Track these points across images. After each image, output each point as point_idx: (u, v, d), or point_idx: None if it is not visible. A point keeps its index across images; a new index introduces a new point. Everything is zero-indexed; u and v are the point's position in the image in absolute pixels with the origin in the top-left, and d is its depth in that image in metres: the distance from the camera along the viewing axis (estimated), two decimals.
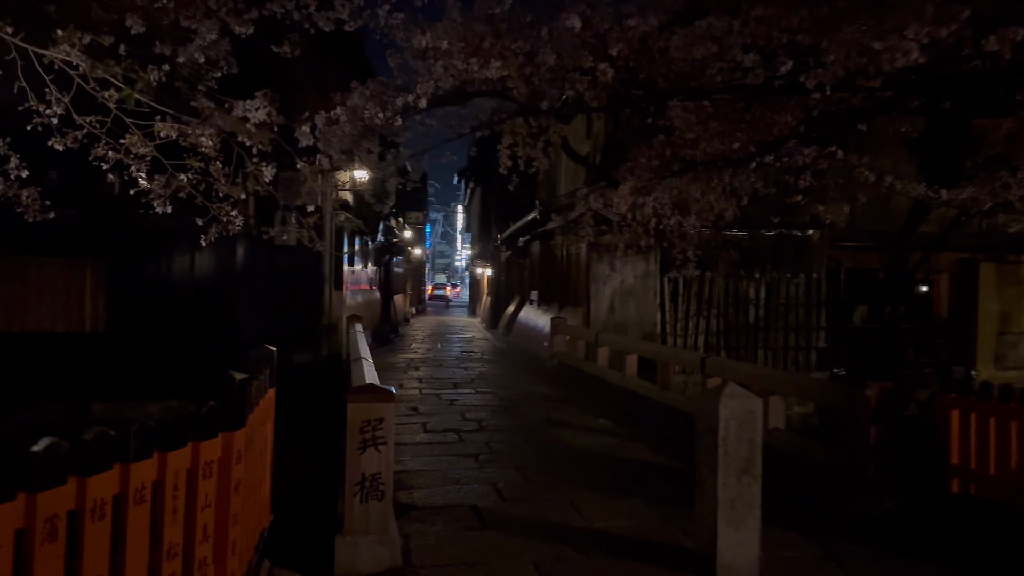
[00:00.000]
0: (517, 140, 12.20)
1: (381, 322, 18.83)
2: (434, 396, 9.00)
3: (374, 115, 5.09)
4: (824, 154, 8.32)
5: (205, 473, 2.48)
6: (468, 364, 12.69)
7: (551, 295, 16.57)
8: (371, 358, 6.56)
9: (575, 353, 11.68)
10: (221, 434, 2.66)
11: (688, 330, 13.73)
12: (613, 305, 13.27)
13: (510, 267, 25.15)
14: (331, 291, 11.45)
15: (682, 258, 12.72)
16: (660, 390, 8.28)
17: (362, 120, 5.30)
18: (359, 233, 14.50)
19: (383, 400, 3.92)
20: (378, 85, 5.32)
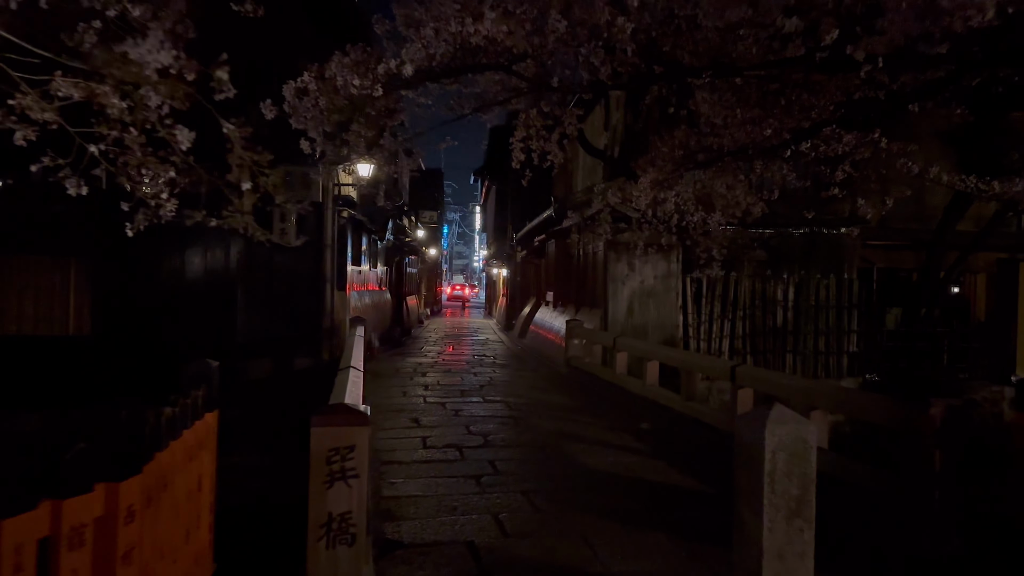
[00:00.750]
0: (531, 133, 11.52)
1: (392, 324, 18.22)
2: (439, 406, 8.33)
3: (349, 82, 4.40)
4: (865, 141, 7.56)
5: (72, 542, 1.81)
6: (478, 369, 12.02)
7: (567, 296, 15.87)
8: (362, 367, 5.91)
9: (591, 358, 10.97)
10: (101, 486, 1.98)
11: (712, 334, 12.97)
12: (632, 307, 12.55)
13: (525, 267, 24.49)
14: (333, 292, 10.82)
15: (706, 257, 11.99)
16: (684, 401, 7.56)
17: (338, 92, 4.61)
18: (366, 232, 13.88)
19: (355, 424, 3.25)
20: (359, 52, 4.65)
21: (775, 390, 6.27)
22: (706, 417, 7.08)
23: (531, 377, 11.27)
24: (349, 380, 4.74)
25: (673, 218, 11.41)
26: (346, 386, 4.43)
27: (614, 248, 12.41)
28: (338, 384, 4.53)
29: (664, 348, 9.17)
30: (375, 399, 8.70)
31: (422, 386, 9.76)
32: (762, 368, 7.61)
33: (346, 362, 5.83)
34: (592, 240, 13.26)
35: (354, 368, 5.47)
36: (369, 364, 12.11)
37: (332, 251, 10.82)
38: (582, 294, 14.34)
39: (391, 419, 7.49)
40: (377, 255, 16.13)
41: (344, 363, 5.76)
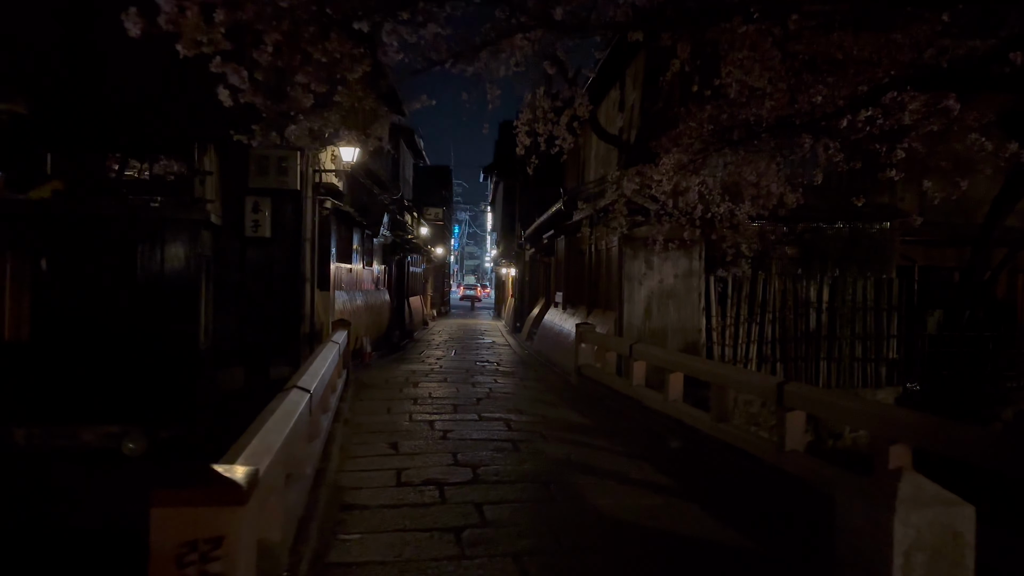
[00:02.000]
0: (537, 115, 10.34)
1: (391, 327, 17.04)
2: (425, 425, 7.11)
3: None
4: (937, 109, 6.27)
5: None
6: (479, 378, 10.80)
7: (578, 297, 14.64)
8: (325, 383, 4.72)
9: (604, 367, 9.73)
10: None
11: (738, 339, 11.71)
12: (649, 309, 11.31)
13: (534, 266, 23.30)
14: (313, 292, 9.64)
15: (734, 253, 10.71)
16: (714, 422, 6.31)
17: None
18: (357, 227, 12.70)
19: (226, 502, 2.04)
20: None
21: (838, 416, 5.01)
22: (742, 443, 5.83)
23: (536, 388, 10.04)
24: (278, 411, 3.52)
25: (697, 209, 10.16)
26: (266, 424, 3.21)
27: (630, 244, 11.17)
28: (257, 421, 3.30)
29: (690, 358, 7.91)
30: (353, 415, 7.51)
31: (411, 400, 8.55)
32: (823, 389, 6.32)
33: (299, 379, 4.62)
34: (606, 235, 12.01)
35: (300, 389, 4.25)
36: (359, 372, 10.94)
37: (312, 246, 9.63)
38: (594, 295, 13.11)
39: (366, 443, 6.28)
40: (372, 253, 14.94)
41: (295, 380, 4.55)
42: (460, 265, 77.94)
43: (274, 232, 9.44)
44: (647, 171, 8.12)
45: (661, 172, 7.76)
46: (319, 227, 9.98)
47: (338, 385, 7.84)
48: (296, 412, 3.70)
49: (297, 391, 4.20)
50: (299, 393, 4.17)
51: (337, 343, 7.49)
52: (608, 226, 11.25)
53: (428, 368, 11.90)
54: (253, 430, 3.06)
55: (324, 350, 6.67)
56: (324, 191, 9.95)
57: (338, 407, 7.40)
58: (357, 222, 12.31)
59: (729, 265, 11.52)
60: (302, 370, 5.23)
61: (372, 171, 13.65)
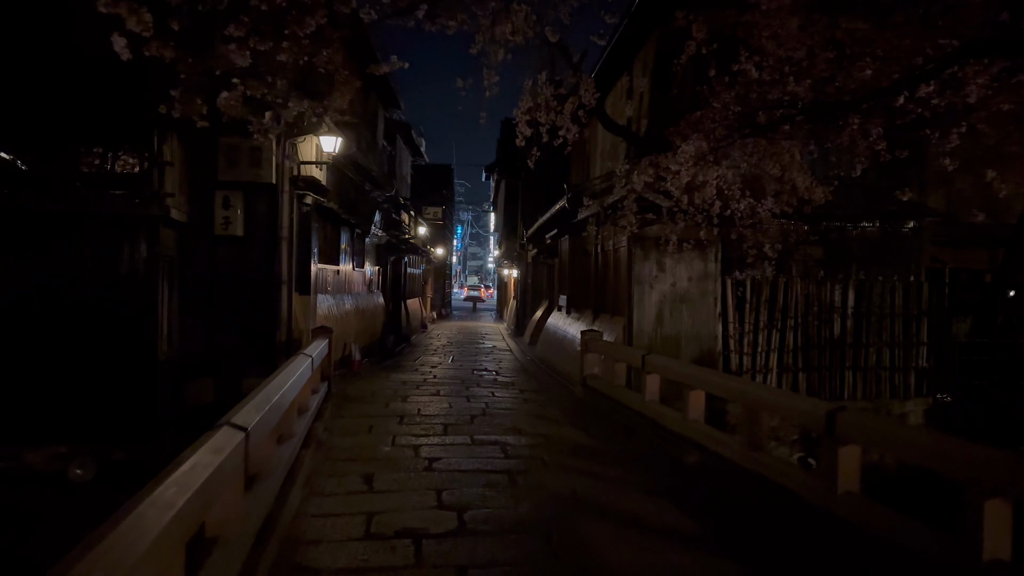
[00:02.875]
0: (539, 103, 9.45)
1: (385, 332, 16.12)
2: (410, 451, 6.19)
3: None
4: (1011, 83, 5.33)
5: None
6: (475, 390, 9.87)
7: (583, 300, 13.71)
8: (254, 425, 3.79)
9: (613, 378, 8.80)
10: None
11: (757, 347, 10.78)
12: (661, 314, 10.38)
13: (537, 268, 22.38)
14: (291, 296, 8.72)
15: (755, 254, 9.77)
16: (745, 449, 5.38)
17: None
18: (345, 225, 11.78)
19: None
20: None
21: (909, 453, 4.06)
22: (780, 477, 4.90)
23: (538, 401, 9.11)
24: (182, 469, 2.58)
25: (715, 206, 9.24)
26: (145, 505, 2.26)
27: (640, 244, 10.24)
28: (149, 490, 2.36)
29: (715, 374, 6.94)
30: (329, 437, 6.59)
31: (397, 417, 7.62)
32: (882, 418, 5.37)
33: (237, 412, 3.69)
34: (614, 234, 11.10)
35: (234, 427, 3.33)
36: (344, 383, 10.01)
37: (290, 246, 8.72)
38: (601, 299, 12.18)
39: (337, 475, 5.36)
40: (364, 253, 14.02)
41: (231, 414, 3.62)
42: (463, 266, 77.16)
43: (247, 230, 8.53)
44: (663, 161, 7.19)
45: (679, 162, 6.83)
46: (298, 225, 9.07)
47: (312, 403, 6.93)
48: (214, 465, 2.77)
49: (228, 431, 3.28)
50: (229, 434, 3.24)
51: (309, 356, 6.56)
52: (616, 224, 10.33)
53: (421, 378, 10.97)
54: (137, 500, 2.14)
55: (290, 365, 5.74)
56: (304, 185, 9.03)
57: (311, 428, 6.48)
58: (344, 220, 11.39)
59: (748, 267, 10.60)
60: (251, 396, 4.31)
61: (363, 166, 12.74)
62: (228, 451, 3.04)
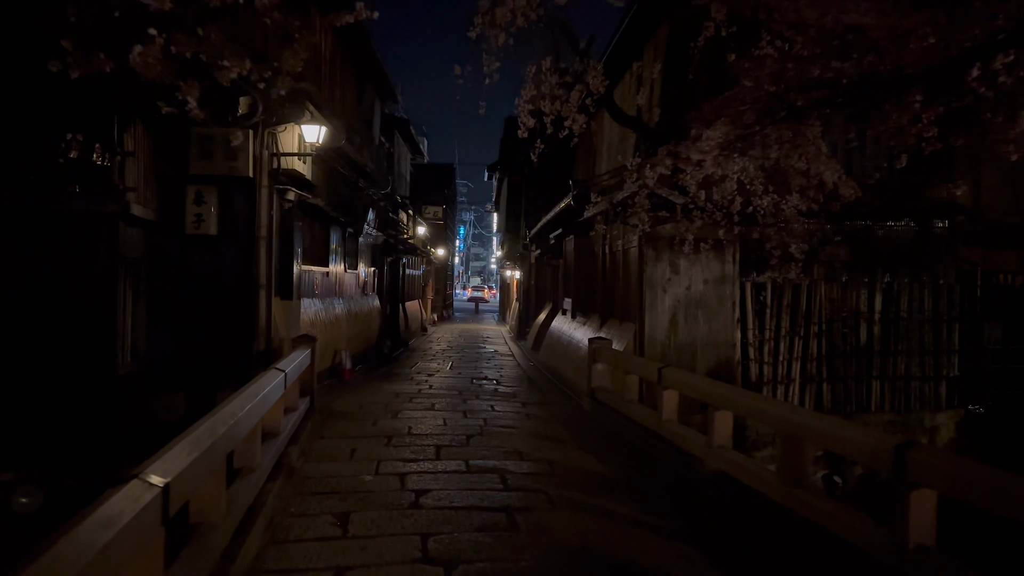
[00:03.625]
0: (544, 91, 8.66)
1: (381, 337, 15.34)
2: (395, 481, 5.40)
3: None
4: None
5: None
6: (473, 403, 9.08)
7: (590, 304, 12.91)
8: (179, 473, 3.01)
9: (624, 392, 8.00)
10: None
11: (778, 355, 9.98)
12: (675, 320, 9.58)
13: (540, 269, 21.60)
14: (270, 301, 7.94)
15: (779, 255, 8.98)
16: (785, 486, 4.58)
17: None
18: (335, 224, 11.00)
19: None
20: None
21: (1004, 504, 3.25)
22: (833, 525, 4.09)
23: (542, 417, 8.31)
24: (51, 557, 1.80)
25: (735, 202, 8.44)
26: None
27: (652, 244, 9.45)
28: None
29: (747, 395, 6.04)
30: (304, 463, 5.81)
31: (384, 438, 6.83)
32: (959, 457, 4.50)
33: (153, 464, 2.90)
34: (624, 233, 10.31)
35: (145, 483, 2.54)
36: (332, 395, 9.24)
37: (269, 246, 7.94)
38: (609, 303, 11.38)
39: (307, 515, 4.57)
40: (358, 254, 13.24)
41: (145, 466, 2.83)
42: (465, 267, 76.49)
43: (222, 229, 7.75)
44: (683, 151, 6.37)
45: (702, 151, 6.02)
46: (279, 223, 8.29)
47: (287, 424, 6.15)
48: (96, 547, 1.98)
49: (139, 487, 2.50)
50: (138, 491, 2.46)
51: (282, 371, 5.77)
52: (627, 223, 9.54)
53: (415, 389, 10.18)
54: None
55: (253, 385, 4.95)
56: (285, 179, 8.24)
57: (284, 453, 5.70)
58: (333, 218, 10.60)
59: (771, 269, 9.81)
60: (190, 431, 3.53)
61: (356, 161, 11.97)
62: (127, 519, 2.26)
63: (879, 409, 10.40)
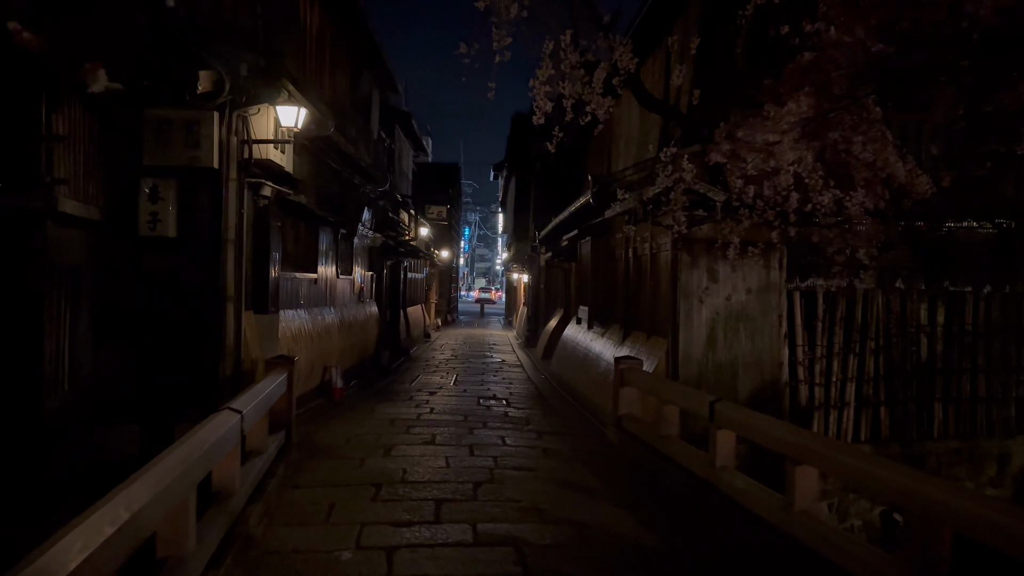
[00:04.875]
0: (563, 71, 7.44)
1: (380, 347, 14.09)
2: (379, 559, 4.13)
3: None
4: None
5: None
6: (482, 433, 7.80)
7: (608, 314, 11.63)
8: None
9: (661, 425, 6.70)
10: None
11: (831, 375, 8.70)
12: (713, 335, 8.31)
13: (551, 272, 20.33)
14: (239, 315, 6.68)
15: (844, 262, 7.70)
16: None
17: None
18: (324, 223, 9.74)
19: None
20: None
21: None
22: None
23: (562, 453, 7.03)
24: None
25: (792, 199, 7.17)
26: None
27: (688, 247, 8.18)
28: None
29: (845, 450, 4.55)
30: (266, 529, 4.54)
31: (372, 487, 5.55)
32: None
33: None
34: (651, 236, 9.02)
35: None
36: (318, 423, 7.98)
37: (239, 250, 6.67)
38: (633, 313, 10.10)
39: None
40: (352, 257, 11.97)
41: None
42: (470, 268, 75.37)
43: (182, 230, 6.50)
44: (749, 132, 5.08)
45: (778, 129, 4.74)
46: (252, 223, 7.03)
47: (246, 477, 4.88)
48: None
49: None
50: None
51: (238, 412, 4.51)
52: (657, 223, 8.27)
53: (415, 413, 8.91)
54: None
55: (189, 442, 3.69)
56: (260, 172, 6.97)
57: (240, 517, 4.44)
58: (321, 218, 9.33)
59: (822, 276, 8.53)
60: (67, 532, 2.29)
61: (349, 155, 10.72)
62: None
63: (942, 435, 9.13)
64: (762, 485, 4.88)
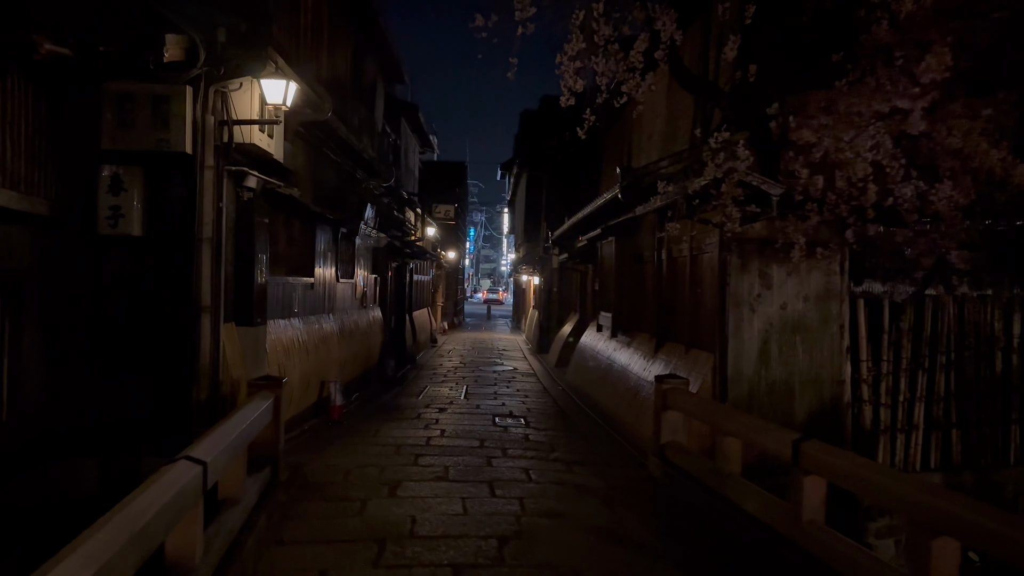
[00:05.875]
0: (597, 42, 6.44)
1: (384, 356, 13.05)
2: None
3: None
4: None
5: None
6: (501, 464, 6.74)
7: (636, 321, 10.56)
8: None
9: (721, 460, 5.61)
10: None
11: (899, 394, 7.63)
12: (767, 349, 7.25)
13: (565, 274, 19.29)
14: (216, 328, 5.62)
15: (932, 265, 6.64)
16: None
17: None
18: (321, 221, 8.69)
19: None
20: None
21: None
22: None
23: (600, 493, 5.94)
24: None
25: (869, 191, 6.11)
26: None
27: (738, 250, 7.11)
28: None
29: (998, 516, 3.57)
30: None
31: (374, 544, 4.48)
32: None
33: None
34: (692, 235, 7.96)
35: None
36: (310, 453, 6.93)
37: (216, 251, 5.61)
38: (668, 322, 9.02)
39: None
40: (354, 259, 10.92)
41: None
42: (475, 269, 74.38)
43: (150, 228, 5.46)
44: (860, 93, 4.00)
45: (907, 94, 3.67)
46: (235, 219, 5.98)
47: (212, 540, 3.83)
48: None
49: None
50: None
51: (200, 463, 3.45)
52: (705, 221, 7.20)
53: (423, 436, 7.85)
54: None
55: (121, 515, 2.64)
56: (243, 159, 5.92)
57: None
58: (318, 214, 8.28)
59: (887, 281, 7.48)
60: None
61: (351, 146, 9.67)
62: None
63: (1020, 462, 8.06)
64: (873, 554, 3.80)
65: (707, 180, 6.61)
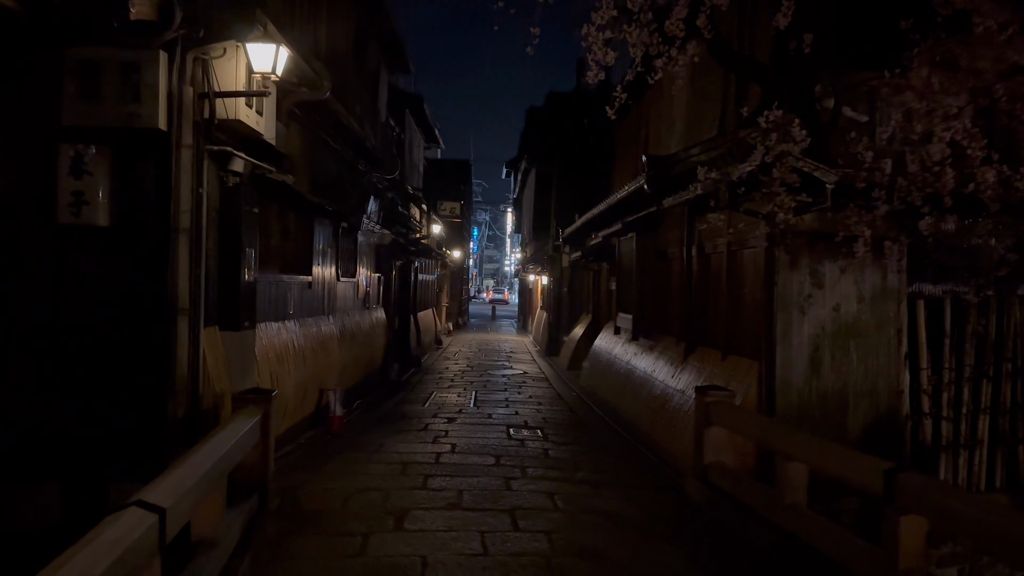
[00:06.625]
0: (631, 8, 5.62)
1: (388, 359, 12.29)
2: None
3: None
4: None
5: None
6: (521, 487, 5.96)
7: (660, 323, 9.78)
8: None
9: (783, 490, 4.81)
10: None
11: (962, 405, 6.84)
12: (818, 355, 6.47)
13: (576, 273, 18.54)
14: (195, 334, 4.85)
15: (1016, 260, 5.86)
16: None
17: None
18: (319, 213, 7.92)
19: None
20: None
21: None
22: None
23: (639, 525, 5.16)
24: None
25: (947, 176, 5.33)
26: None
27: (788, 244, 6.31)
28: None
29: None
30: None
31: None
32: None
33: None
34: (730, 229, 7.16)
35: None
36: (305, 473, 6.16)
37: (195, 244, 4.84)
38: (699, 325, 8.24)
39: None
40: (356, 256, 10.15)
41: None
42: (479, 269, 73.70)
43: (119, 217, 4.71)
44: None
45: None
46: (219, 207, 5.21)
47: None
48: None
49: None
50: None
51: (157, 510, 2.69)
52: (751, 212, 6.41)
53: (431, 453, 7.08)
54: None
55: None
56: (228, 139, 5.15)
57: None
58: (317, 206, 7.51)
59: (951, 281, 6.71)
60: None
61: (352, 132, 8.92)
62: None
63: None
64: None
65: (753, 166, 5.83)
